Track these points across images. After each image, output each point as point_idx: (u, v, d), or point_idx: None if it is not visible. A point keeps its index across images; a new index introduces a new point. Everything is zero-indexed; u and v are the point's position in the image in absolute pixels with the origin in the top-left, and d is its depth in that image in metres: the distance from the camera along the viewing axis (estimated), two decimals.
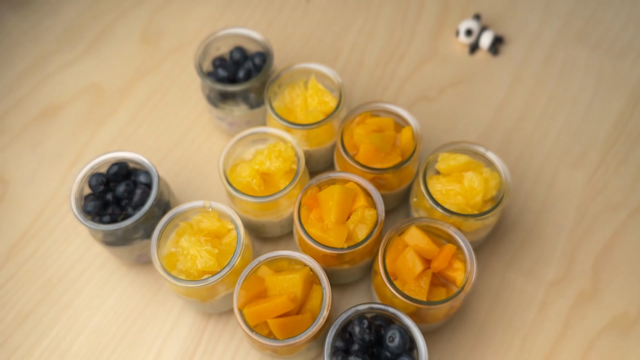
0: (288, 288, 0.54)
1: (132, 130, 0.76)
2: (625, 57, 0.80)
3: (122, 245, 0.61)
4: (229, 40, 0.72)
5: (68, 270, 0.66)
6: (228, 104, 0.70)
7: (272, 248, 0.68)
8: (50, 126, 0.77)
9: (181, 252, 0.57)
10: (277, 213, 0.62)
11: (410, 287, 0.54)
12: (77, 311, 0.64)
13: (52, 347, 0.62)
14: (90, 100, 0.79)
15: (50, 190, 0.72)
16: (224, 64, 0.70)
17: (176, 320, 0.63)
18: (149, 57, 0.83)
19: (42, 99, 0.80)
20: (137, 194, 0.60)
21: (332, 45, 0.84)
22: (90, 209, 0.59)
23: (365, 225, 0.57)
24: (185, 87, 0.80)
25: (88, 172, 0.62)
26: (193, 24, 0.87)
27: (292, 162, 0.62)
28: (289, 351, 0.54)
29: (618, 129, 0.75)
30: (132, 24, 0.87)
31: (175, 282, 0.54)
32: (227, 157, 0.62)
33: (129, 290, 0.65)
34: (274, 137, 0.64)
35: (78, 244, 0.68)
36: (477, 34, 0.82)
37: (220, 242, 0.59)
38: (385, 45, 0.84)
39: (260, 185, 0.61)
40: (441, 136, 0.75)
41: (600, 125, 0.75)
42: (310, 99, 0.66)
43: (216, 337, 0.62)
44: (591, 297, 0.63)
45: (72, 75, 0.82)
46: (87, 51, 0.84)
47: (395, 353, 0.51)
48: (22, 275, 0.66)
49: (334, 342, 0.52)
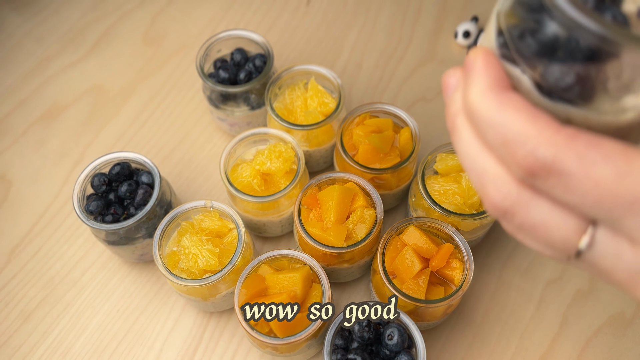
0: (288, 286, 0.54)
1: (134, 131, 0.77)
2: None
3: (125, 245, 0.61)
4: (230, 42, 0.72)
5: (70, 269, 0.67)
6: (229, 105, 0.71)
7: (272, 247, 0.68)
8: (53, 127, 0.78)
9: (183, 251, 0.57)
10: (278, 213, 0.63)
11: (409, 286, 0.54)
12: (80, 310, 0.64)
13: (55, 345, 0.62)
14: (93, 102, 0.80)
15: (53, 190, 0.72)
16: (225, 65, 0.70)
17: (178, 319, 0.63)
18: (151, 58, 0.84)
19: (45, 100, 0.80)
20: (139, 194, 0.61)
21: (331, 47, 0.84)
22: (92, 208, 0.60)
23: (364, 224, 0.58)
24: (187, 88, 0.81)
25: (91, 172, 0.62)
26: (195, 26, 0.87)
27: (292, 163, 0.62)
28: (289, 349, 0.55)
29: None
30: (135, 26, 0.87)
31: (176, 280, 0.55)
32: (228, 158, 0.63)
33: (131, 289, 0.65)
34: (275, 137, 0.64)
35: (80, 244, 0.68)
36: (475, 35, 0.82)
37: (221, 242, 0.59)
38: (384, 47, 0.84)
39: (260, 185, 0.61)
40: (439, 137, 0.75)
41: None
42: (310, 100, 0.67)
43: (217, 335, 0.62)
44: (588, 296, 0.64)
45: (75, 77, 0.82)
46: (90, 53, 0.85)
47: (394, 351, 0.51)
48: (25, 274, 0.66)
49: (334, 339, 0.53)
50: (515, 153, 0.25)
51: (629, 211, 0.22)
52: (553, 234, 0.25)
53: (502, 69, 0.27)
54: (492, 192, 0.27)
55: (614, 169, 0.22)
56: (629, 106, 0.26)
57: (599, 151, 0.23)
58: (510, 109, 0.25)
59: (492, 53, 0.28)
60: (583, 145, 0.23)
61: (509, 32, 0.28)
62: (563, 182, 0.24)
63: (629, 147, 0.23)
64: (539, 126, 0.24)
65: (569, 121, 0.26)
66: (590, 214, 0.24)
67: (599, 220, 0.24)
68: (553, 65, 0.26)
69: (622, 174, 0.22)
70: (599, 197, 0.23)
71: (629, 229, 0.23)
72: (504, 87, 0.26)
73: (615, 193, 0.22)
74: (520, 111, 0.25)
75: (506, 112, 0.25)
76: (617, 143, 0.23)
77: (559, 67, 0.26)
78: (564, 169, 0.23)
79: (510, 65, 0.28)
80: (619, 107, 0.26)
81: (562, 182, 0.24)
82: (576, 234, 0.25)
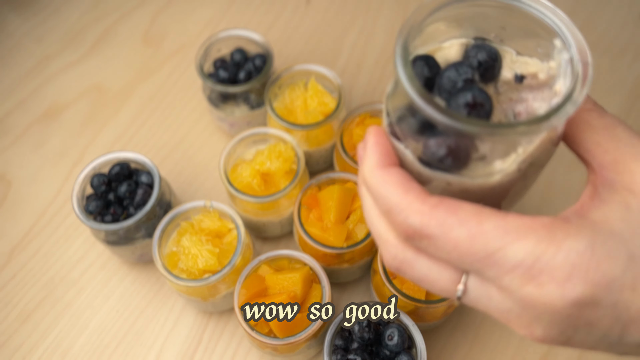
0: (288, 287, 0.54)
1: (134, 131, 0.77)
2: (623, 56, 0.81)
3: (124, 245, 0.61)
4: (229, 42, 0.72)
5: (70, 269, 0.67)
6: (229, 105, 0.70)
7: (272, 247, 0.68)
8: (52, 127, 0.78)
9: (182, 252, 0.57)
10: (277, 213, 0.63)
11: (409, 286, 0.54)
12: (79, 310, 0.64)
13: (54, 346, 0.62)
14: (93, 101, 0.80)
15: (52, 190, 0.72)
16: (224, 65, 0.70)
17: (177, 319, 0.63)
18: (150, 58, 0.84)
19: (44, 100, 0.80)
20: (138, 194, 0.61)
21: (331, 47, 0.84)
22: (92, 208, 0.60)
23: (364, 224, 0.57)
24: (187, 88, 0.81)
25: (90, 172, 0.62)
26: (194, 26, 0.87)
27: (292, 163, 0.62)
28: (289, 349, 0.55)
29: None
30: (134, 26, 0.87)
31: (176, 281, 0.55)
32: (227, 158, 0.63)
33: (130, 290, 0.65)
34: (274, 137, 0.64)
35: (80, 244, 0.68)
36: None
37: (221, 242, 0.59)
38: (384, 46, 0.84)
39: (260, 185, 0.61)
40: None
41: None
42: (310, 100, 0.67)
43: (217, 335, 0.62)
44: None
45: (75, 77, 0.82)
46: (90, 52, 0.85)
47: (394, 351, 0.51)
48: (24, 275, 0.66)
49: (334, 340, 0.53)
50: (395, 220, 0.30)
51: (485, 265, 0.27)
52: (435, 285, 0.31)
53: (389, 146, 0.32)
54: (385, 253, 0.33)
55: (467, 232, 0.27)
56: (496, 170, 0.30)
57: (456, 217, 0.28)
58: (389, 184, 0.30)
59: (383, 131, 0.33)
60: (443, 212, 0.28)
61: (392, 114, 0.33)
62: (432, 243, 0.29)
63: (481, 210, 0.28)
64: (410, 199, 0.29)
65: (449, 185, 0.31)
66: (460, 267, 0.29)
67: (469, 271, 0.29)
68: (428, 141, 0.30)
69: (474, 235, 0.27)
70: (460, 255, 0.28)
71: (491, 277, 0.28)
72: (388, 164, 0.31)
73: (470, 251, 0.27)
74: (397, 186, 0.30)
75: (387, 187, 0.30)
76: (471, 207, 0.28)
77: (433, 142, 0.30)
78: (429, 233, 0.28)
79: (396, 141, 0.32)
80: (488, 171, 0.30)
81: (431, 244, 0.29)
82: (453, 284, 0.30)
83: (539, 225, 0.28)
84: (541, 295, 0.27)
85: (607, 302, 0.27)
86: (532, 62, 0.32)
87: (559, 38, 0.31)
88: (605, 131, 0.32)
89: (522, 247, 0.27)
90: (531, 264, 0.26)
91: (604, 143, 0.32)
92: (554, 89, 0.32)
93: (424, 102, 0.28)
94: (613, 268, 0.26)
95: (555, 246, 0.26)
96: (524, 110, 0.32)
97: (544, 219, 0.28)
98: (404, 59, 0.30)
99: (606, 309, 0.27)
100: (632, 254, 0.27)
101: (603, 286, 0.26)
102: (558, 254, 0.26)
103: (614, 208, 0.29)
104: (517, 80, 0.32)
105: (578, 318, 0.27)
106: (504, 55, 0.33)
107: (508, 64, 0.32)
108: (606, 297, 0.27)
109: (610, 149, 0.32)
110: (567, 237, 0.27)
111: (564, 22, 0.31)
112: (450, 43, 0.33)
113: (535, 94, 0.32)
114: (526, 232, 0.27)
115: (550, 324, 0.28)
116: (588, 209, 0.30)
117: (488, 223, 0.28)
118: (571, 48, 0.31)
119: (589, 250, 0.26)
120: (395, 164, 0.32)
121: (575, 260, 0.26)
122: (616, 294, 0.27)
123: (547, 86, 0.32)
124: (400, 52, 0.30)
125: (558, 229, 0.27)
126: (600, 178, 0.32)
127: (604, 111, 0.33)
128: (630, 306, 0.27)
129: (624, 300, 0.27)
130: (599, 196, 0.30)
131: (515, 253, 0.27)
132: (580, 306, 0.26)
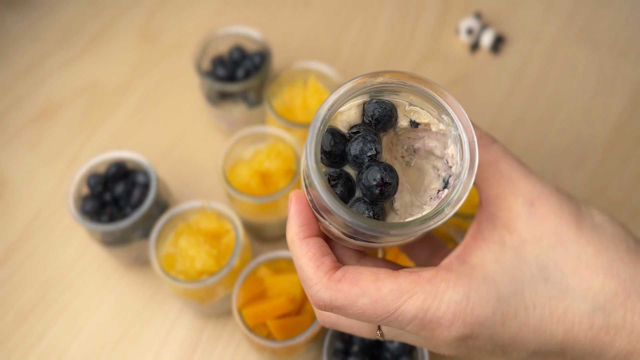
0: (287, 289, 0.53)
1: (130, 130, 0.76)
2: (627, 56, 0.80)
3: (120, 246, 0.61)
4: (228, 39, 0.71)
5: (66, 270, 0.66)
6: (227, 103, 0.70)
7: (271, 248, 0.67)
8: (48, 125, 0.77)
9: (179, 253, 0.57)
10: (277, 213, 0.62)
11: None
12: (75, 312, 0.63)
13: (51, 347, 0.61)
14: (89, 100, 0.79)
15: (48, 190, 0.71)
16: (222, 63, 0.69)
17: (174, 322, 0.62)
18: (147, 56, 0.83)
19: (40, 98, 0.79)
20: (135, 194, 0.60)
21: (331, 44, 0.83)
22: (88, 209, 0.59)
23: None
24: (184, 86, 0.80)
25: (86, 172, 0.61)
26: (192, 23, 0.86)
27: (292, 162, 0.62)
28: (288, 352, 0.54)
29: (619, 129, 0.74)
30: (131, 23, 0.86)
31: (173, 282, 0.54)
32: (226, 157, 0.62)
33: (127, 291, 0.65)
34: (273, 136, 0.63)
35: (76, 245, 0.68)
36: (478, 32, 0.81)
37: (219, 243, 0.58)
38: (385, 44, 0.83)
39: (259, 185, 0.61)
40: None
41: (602, 125, 0.75)
42: (309, 98, 0.66)
43: (215, 338, 0.61)
44: None
45: (71, 74, 0.81)
46: (86, 50, 0.84)
47: (395, 354, 0.51)
48: (20, 276, 0.66)
49: (334, 343, 0.52)
50: (308, 292, 0.34)
51: (389, 321, 0.33)
52: (361, 333, 0.38)
53: (309, 214, 0.35)
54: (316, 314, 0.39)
55: (369, 300, 0.33)
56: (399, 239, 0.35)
57: (359, 288, 0.33)
58: (305, 258, 0.34)
59: (304, 197, 0.35)
60: (347, 286, 0.33)
61: (310, 190, 0.34)
62: (343, 312, 0.34)
63: (378, 276, 0.33)
64: (320, 275, 0.34)
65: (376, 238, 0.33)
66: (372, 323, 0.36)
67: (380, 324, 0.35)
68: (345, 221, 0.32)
69: (375, 301, 0.32)
70: (368, 318, 0.33)
71: (396, 327, 0.34)
72: (307, 235, 0.35)
73: (375, 314, 0.33)
74: (310, 259, 0.34)
75: (303, 260, 0.34)
76: (370, 274, 0.33)
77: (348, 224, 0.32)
78: (338, 305, 0.33)
79: (315, 211, 0.35)
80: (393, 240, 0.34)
81: (342, 312, 0.34)
82: (372, 332, 0.37)
83: (424, 281, 0.33)
84: (434, 336, 0.33)
85: (484, 336, 0.33)
86: (424, 113, 0.34)
87: (446, 115, 0.34)
88: (489, 166, 0.36)
89: (413, 305, 0.32)
90: (423, 317, 0.32)
91: (489, 178, 0.36)
92: (446, 142, 0.34)
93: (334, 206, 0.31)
94: (484, 311, 0.33)
95: (438, 300, 0.33)
96: (422, 146, 0.36)
97: (428, 273, 0.34)
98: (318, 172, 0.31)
99: (485, 340, 0.34)
100: (500, 296, 0.33)
101: (478, 325, 0.33)
102: (441, 306, 0.32)
103: (491, 248, 0.35)
104: (412, 126, 0.35)
105: (466, 347, 0.34)
106: (398, 105, 0.35)
107: (403, 112, 0.35)
108: (482, 332, 0.33)
109: (494, 183, 0.36)
110: (447, 290, 0.33)
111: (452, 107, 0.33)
112: (349, 105, 0.34)
113: (430, 135, 0.35)
114: (415, 290, 0.33)
115: (448, 350, 0.35)
116: (469, 253, 0.35)
117: (385, 288, 0.33)
118: (458, 128, 0.33)
119: (465, 299, 0.33)
120: (313, 234, 0.35)
121: (454, 309, 0.33)
122: (490, 329, 0.33)
123: (440, 134, 0.35)
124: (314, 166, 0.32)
125: (441, 281, 0.33)
126: (485, 214, 0.36)
127: (492, 143, 0.36)
128: (503, 336, 0.34)
129: (497, 333, 0.34)
130: (481, 234, 0.36)
131: (409, 310, 0.32)
132: (464, 340, 0.33)
